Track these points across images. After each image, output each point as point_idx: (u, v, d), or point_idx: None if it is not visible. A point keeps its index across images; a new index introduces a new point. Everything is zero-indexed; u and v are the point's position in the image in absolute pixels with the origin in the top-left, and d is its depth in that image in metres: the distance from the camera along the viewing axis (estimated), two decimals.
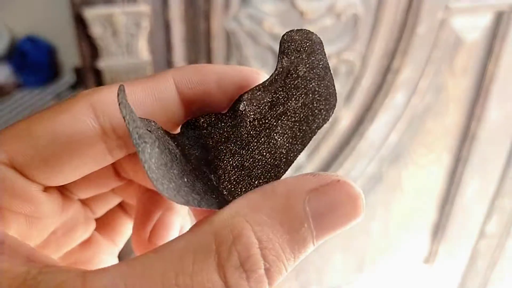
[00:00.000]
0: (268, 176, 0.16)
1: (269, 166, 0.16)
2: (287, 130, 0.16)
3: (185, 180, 0.15)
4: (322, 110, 0.16)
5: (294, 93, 0.17)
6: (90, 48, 0.49)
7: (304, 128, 0.16)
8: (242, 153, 0.17)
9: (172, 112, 0.18)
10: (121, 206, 0.24)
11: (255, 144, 0.17)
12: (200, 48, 0.52)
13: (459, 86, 0.67)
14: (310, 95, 0.16)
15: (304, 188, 0.14)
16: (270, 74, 0.17)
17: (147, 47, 0.50)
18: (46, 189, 0.17)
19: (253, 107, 0.17)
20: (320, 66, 0.17)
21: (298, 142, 0.16)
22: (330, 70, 0.17)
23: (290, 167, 0.17)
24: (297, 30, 0.17)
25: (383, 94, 0.62)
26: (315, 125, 0.16)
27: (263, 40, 0.53)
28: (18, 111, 1.23)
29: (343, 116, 0.62)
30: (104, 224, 0.23)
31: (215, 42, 0.51)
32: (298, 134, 0.16)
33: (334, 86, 0.17)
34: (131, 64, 0.50)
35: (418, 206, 0.80)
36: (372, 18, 0.56)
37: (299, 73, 0.16)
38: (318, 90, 0.16)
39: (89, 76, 0.51)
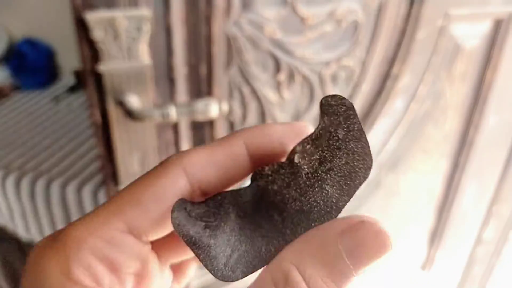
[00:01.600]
0: (322, 220, 0.19)
1: (323, 211, 0.19)
2: (335, 183, 0.19)
3: (247, 247, 0.19)
4: (362, 169, 0.19)
5: (337, 153, 0.19)
6: (91, 51, 0.49)
7: (348, 182, 0.19)
8: (302, 199, 0.19)
9: (243, 168, 0.21)
10: None
11: (311, 193, 0.19)
12: (201, 53, 0.52)
13: (458, 92, 0.68)
14: (351, 155, 0.19)
15: (336, 229, 0.17)
16: (315, 128, 0.20)
17: (148, 51, 0.50)
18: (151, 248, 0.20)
19: (306, 161, 0.20)
20: (355, 129, 0.19)
21: (345, 194, 0.19)
22: (364, 132, 0.19)
23: (340, 213, 0.19)
24: (332, 96, 0.19)
25: (382, 100, 0.62)
26: (357, 181, 0.19)
27: (264, 45, 0.53)
28: (15, 113, 1.23)
29: None
30: (173, 267, 0.25)
31: (216, 46, 0.51)
32: (345, 187, 0.19)
33: (369, 147, 0.19)
34: (132, 68, 0.50)
35: (415, 211, 0.80)
36: (372, 25, 0.56)
37: (339, 135, 0.19)
38: (356, 150, 0.19)
39: (89, 79, 0.51)
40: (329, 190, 0.19)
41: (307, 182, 0.19)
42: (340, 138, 0.19)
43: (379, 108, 0.63)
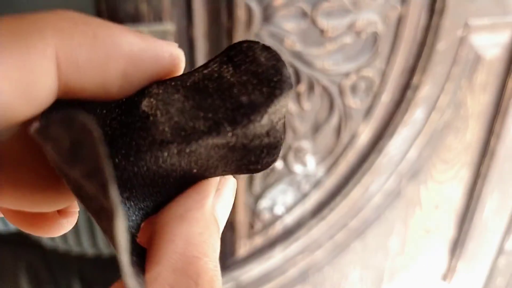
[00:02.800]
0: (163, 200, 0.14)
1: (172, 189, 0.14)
2: (208, 161, 0.14)
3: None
4: (264, 160, 0.14)
5: (239, 135, 0.13)
6: None
7: (233, 167, 0.14)
8: (140, 173, 0.13)
9: (40, 101, 0.11)
10: None
11: (164, 166, 0.13)
12: None
13: (479, 102, 0.67)
14: (255, 146, 0.13)
15: (210, 194, 0.15)
16: (193, 69, 0.14)
17: None
18: None
19: (168, 116, 0.13)
20: (280, 121, 0.13)
21: (219, 172, 0.14)
22: (284, 134, 0.14)
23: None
24: (265, 47, 0.13)
25: (402, 110, 0.62)
26: (248, 171, 0.14)
27: (284, 57, 0.53)
28: None
29: (363, 131, 0.63)
30: None
31: None
32: (226, 168, 0.14)
33: (281, 143, 0.14)
34: None
35: (436, 222, 0.79)
36: (392, 36, 0.56)
37: (255, 116, 0.13)
38: (265, 146, 0.14)
39: None
40: (197, 167, 0.13)
41: (158, 147, 0.13)
42: (255, 114, 0.13)
43: (400, 118, 0.63)
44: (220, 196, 0.15)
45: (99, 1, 0.46)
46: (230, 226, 0.66)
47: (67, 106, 0.12)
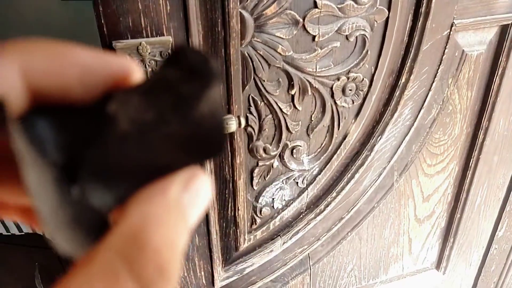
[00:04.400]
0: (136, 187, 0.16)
1: (140, 179, 0.16)
2: (169, 152, 0.16)
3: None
4: (211, 146, 0.16)
5: (184, 122, 0.16)
6: None
7: (189, 157, 0.16)
8: (105, 156, 0.16)
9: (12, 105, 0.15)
10: None
11: (124, 154, 0.16)
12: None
13: (466, 98, 0.70)
14: (201, 130, 0.16)
15: (179, 187, 0.16)
16: (147, 79, 0.16)
17: None
18: None
19: (126, 115, 0.16)
20: (216, 102, 0.16)
21: (176, 165, 0.16)
22: (222, 117, 0.16)
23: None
24: (195, 52, 0.16)
25: (392, 109, 0.65)
26: (200, 158, 0.16)
27: (278, 63, 0.56)
28: None
29: (355, 130, 0.66)
30: None
31: (233, 66, 0.55)
32: (180, 161, 0.16)
33: (222, 130, 0.16)
34: None
35: (429, 213, 0.82)
36: (379, 38, 0.59)
37: (190, 102, 0.15)
38: (209, 127, 0.16)
39: None
40: (157, 157, 0.16)
41: (121, 141, 0.16)
42: (192, 107, 0.15)
43: (389, 117, 0.66)
44: (188, 189, 0.16)
45: (99, 16, 0.49)
46: (233, 222, 0.69)
47: (46, 109, 0.16)
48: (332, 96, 0.61)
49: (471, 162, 0.77)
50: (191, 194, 0.16)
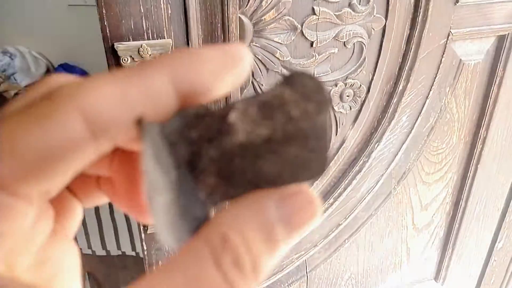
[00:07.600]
0: (244, 192, 0.17)
1: (248, 186, 0.17)
2: (275, 168, 0.17)
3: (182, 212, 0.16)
4: (313, 169, 0.17)
5: (292, 142, 0.17)
6: None
7: (291, 176, 0.17)
8: (221, 163, 0.17)
9: (166, 109, 0.16)
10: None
11: (238, 163, 0.17)
12: None
13: (464, 107, 0.70)
14: (306, 152, 0.17)
15: (273, 197, 0.17)
16: (266, 92, 0.17)
17: None
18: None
19: (245, 126, 0.17)
20: (324, 127, 0.17)
21: (280, 182, 0.17)
22: (328, 135, 0.17)
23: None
24: (312, 78, 0.17)
25: (389, 115, 0.66)
26: (302, 178, 0.17)
27: (276, 68, 0.57)
28: None
29: (352, 136, 0.66)
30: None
31: None
32: (285, 178, 0.17)
33: (326, 154, 0.17)
34: None
35: (427, 222, 0.82)
36: (377, 45, 0.60)
37: (301, 125, 0.16)
38: (315, 150, 0.17)
39: None
40: (265, 170, 0.17)
41: (237, 150, 0.17)
42: (301, 128, 0.16)
43: (387, 124, 0.66)
44: (285, 206, 0.16)
45: (102, 19, 0.51)
46: None
47: (184, 112, 0.17)
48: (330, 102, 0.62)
49: (469, 172, 0.77)
50: (289, 214, 0.17)
